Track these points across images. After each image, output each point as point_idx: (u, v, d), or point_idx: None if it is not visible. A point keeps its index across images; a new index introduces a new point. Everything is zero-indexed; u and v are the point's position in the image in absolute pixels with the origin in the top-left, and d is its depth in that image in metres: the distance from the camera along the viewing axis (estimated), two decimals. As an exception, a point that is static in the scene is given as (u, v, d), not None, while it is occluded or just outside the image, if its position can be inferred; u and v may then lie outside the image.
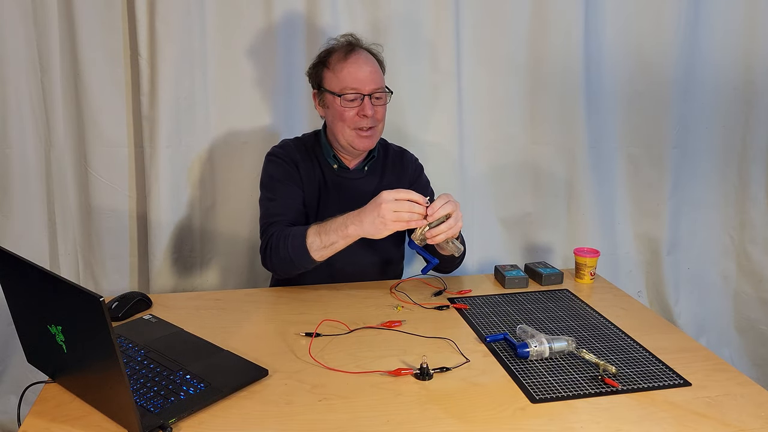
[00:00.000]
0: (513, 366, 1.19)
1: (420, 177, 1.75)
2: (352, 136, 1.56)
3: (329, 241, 1.40)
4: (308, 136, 1.69)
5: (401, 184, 1.67)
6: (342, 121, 1.54)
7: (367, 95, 1.52)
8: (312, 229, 1.43)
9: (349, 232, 1.37)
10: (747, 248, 2.34)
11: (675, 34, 2.11)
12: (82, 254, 2.04)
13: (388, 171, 1.69)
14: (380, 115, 1.57)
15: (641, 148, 2.24)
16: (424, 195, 1.67)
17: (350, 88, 1.52)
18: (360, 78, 1.52)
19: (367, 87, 1.52)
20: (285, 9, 1.93)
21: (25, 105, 1.88)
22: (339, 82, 1.53)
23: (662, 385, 1.13)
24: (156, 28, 1.84)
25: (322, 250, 1.41)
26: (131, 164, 1.99)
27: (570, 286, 1.62)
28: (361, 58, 1.55)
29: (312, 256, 1.42)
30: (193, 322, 1.35)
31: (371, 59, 1.58)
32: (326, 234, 1.40)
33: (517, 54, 2.09)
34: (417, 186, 1.70)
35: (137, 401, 1.01)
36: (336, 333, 1.31)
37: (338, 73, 1.53)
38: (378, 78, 1.56)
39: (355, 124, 1.54)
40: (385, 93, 1.57)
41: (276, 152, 1.63)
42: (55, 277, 0.92)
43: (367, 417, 1.02)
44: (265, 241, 1.52)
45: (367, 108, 1.52)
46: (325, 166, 1.63)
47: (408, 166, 1.72)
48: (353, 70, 1.52)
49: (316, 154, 1.64)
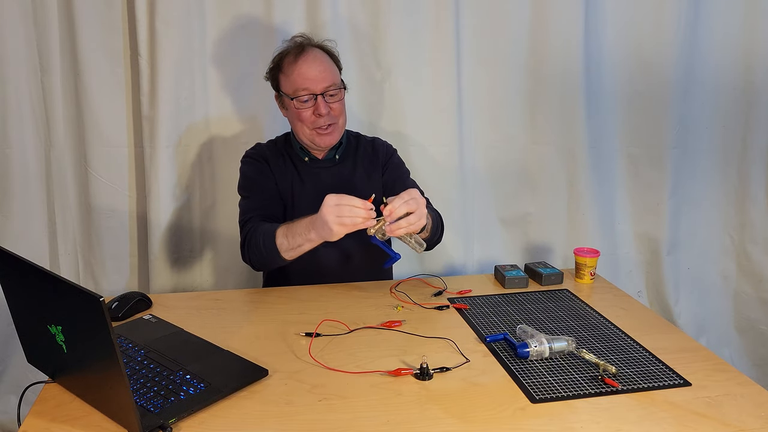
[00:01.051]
0: (513, 366, 1.19)
1: (392, 157, 1.75)
2: (312, 135, 1.59)
3: (296, 243, 1.43)
4: (280, 137, 1.73)
5: (375, 168, 1.70)
6: (300, 122, 1.57)
7: (320, 94, 1.54)
8: (281, 230, 1.46)
9: (311, 236, 1.40)
10: (747, 248, 2.34)
11: (675, 34, 2.11)
12: (82, 254, 2.04)
13: (360, 156, 1.71)
14: (337, 111, 1.59)
15: (641, 148, 2.23)
16: (399, 173, 1.73)
17: (302, 89, 1.53)
18: (310, 77, 1.53)
19: (318, 86, 1.54)
20: (285, 9, 1.93)
21: (25, 105, 1.89)
22: (291, 84, 1.55)
23: (662, 385, 1.13)
24: (156, 28, 1.84)
25: (290, 251, 1.45)
26: (131, 164, 1.99)
27: (570, 286, 1.62)
28: (309, 57, 1.55)
29: (284, 257, 1.46)
30: (193, 322, 1.35)
31: (321, 57, 1.58)
32: (292, 237, 1.43)
33: (517, 54, 2.09)
34: (390, 166, 1.72)
35: (137, 401, 1.01)
36: (336, 333, 1.31)
37: (290, 76, 1.56)
38: (329, 75, 1.56)
39: (313, 124, 1.57)
40: (339, 89, 1.58)
41: (248, 153, 1.69)
42: (55, 277, 0.92)
43: (367, 417, 1.02)
44: (243, 237, 1.56)
45: (321, 107, 1.54)
46: (296, 160, 1.67)
47: (379, 150, 1.73)
48: (303, 71, 1.54)
49: (287, 151, 1.68)
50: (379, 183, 1.71)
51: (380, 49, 2.01)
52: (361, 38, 1.99)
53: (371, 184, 1.69)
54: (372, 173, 1.70)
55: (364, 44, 2.00)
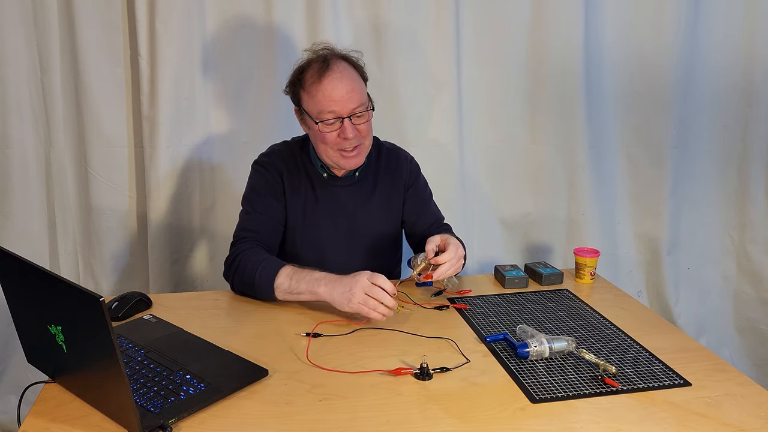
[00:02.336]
0: (513, 366, 1.19)
1: (417, 179, 1.67)
2: (337, 157, 1.48)
3: (297, 290, 1.36)
4: (296, 141, 1.61)
5: (396, 190, 1.62)
6: (324, 144, 1.46)
7: (347, 117, 1.42)
8: (286, 270, 1.38)
9: (319, 291, 1.33)
10: (747, 248, 2.35)
11: (675, 34, 2.11)
12: (82, 254, 2.04)
13: (381, 175, 1.61)
14: (364, 132, 1.47)
15: (641, 148, 2.24)
16: (422, 197, 1.68)
17: (328, 112, 1.41)
18: (336, 99, 1.40)
19: (345, 108, 1.41)
20: (285, 8, 1.93)
21: (25, 105, 1.89)
22: (315, 105, 1.42)
23: (662, 385, 1.13)
24: (156, 28, 1.84)
25: (286, 294, 1.38)
26: (131, 164, 1.99)
27: (570, 286, 1.62)
28: (335, 76, 1.41)
29: (275, 294, 1.39)
30: (193, 322, 1.35)
31: (348, 73, 1.44)
32: (297, 282, 1.36)
33: (517, 54, 2.09)
34: (413, 189, 1.66)
35: (137, 401, 1.01)
36: (336, 333, 1.31)
37: (314, 96, 1.42)
38: (356, 96, 1.43)
39: (339, 146, 1.45)
40: (367, 111, 1.46)
41: (261, 161, 1.58)
42: (55, 277, 0.92)
43: (367, 417, 1.02)
44: (233, 255, 1.48)
45: (347, 131, 1.42)
46: (313, 174, 1.57)
47: (403, 168, 1.64)
48: (329, 93, 1.40)
49: (303, 162, 1.57)
50: (398, 207, 1.64)
51: (381, 50, 2.01)
52: (361, 38, 1.99)
53: (390, 209, 1.63)
54: (392, 196, 1.62)
55: (364, 44, 2.00)
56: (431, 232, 1.59)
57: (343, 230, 1.59)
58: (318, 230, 1.58)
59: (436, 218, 1.70)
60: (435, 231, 1.61)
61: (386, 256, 1.68)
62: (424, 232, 1.64)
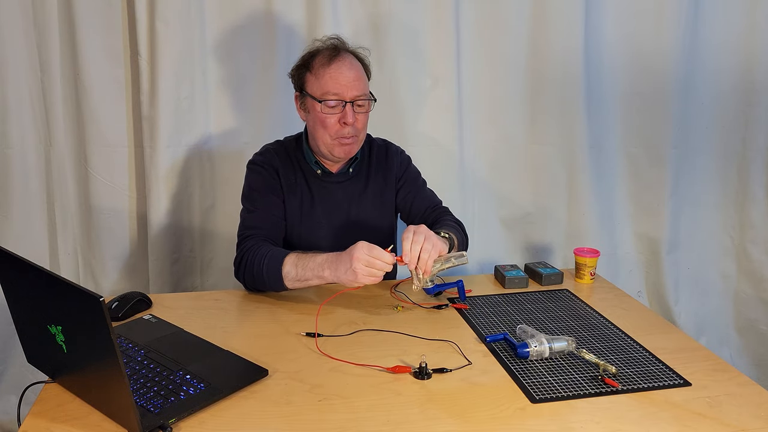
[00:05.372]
0: (513, 366, 1.19)
1: (408, 169, 1.70)
2: (333, 144, 1.51)
3: (304, 277, 1.39)
4: (290, 140, 1.64)
5: (388, 184, 1.65)
6: (323, 128, 1.49)
7: (349, 102, 1.47)
8: (290, 258, 1.40)
9: (325, 275, 1.36)
10: (747, 248, 2.35)
11: (675, 34, 2.11)
12: (82, 254, 2.04)
13: (373, 171, 1.65)
14: (361, 123, 1.52)
15: (641, 148, 2.24)
16: (414, 185, 1.70)
17: (332, 94, 1.46)
18: (342, 83, 1.46)
19: (349, 93, 1.47)
20: (285, 8, 1.93)
21: (25, 105, 1.89)
22: (321, 86, 1.47)
23: (662, 385, 1.13)
24: (156, 28, 1.84)
25: (295, 281, 1.40)
26: (131, 164, 1.99)
27: (570, 286, 1.62)
28: (345, 63, 1.48)
29: (284, 284, 1.41)
30: (193, 322, 1.35)
31: (356, 65, 1.51)
32: (303, 269, 1.39)
33: (517, 54, 2.09)
34: (405, 181, 1.68)
35: (137, 401, 1.01)
36: (336, 333, 1.31)
37: (320, 78, 1.47)
38: (361, 84, 1.49)
39: (337, 133, 1.49)
40: (368, 101, 1.52)
41: (256, 160, 1.60)
42: (55, 277, 0.92)
43: (367, 417, 1.02)
44: (240, 254, 1.50)
45: (348, 115, 1.47)
46: (307, 172, 1.60)
47: (393, 162, 1.67)
48: (336, 75, 1.46)
49: (297, 160, 1.60)
50: (391, 201, 1.67)
51: (380, 49, 2.01)
52: (361, 37, 1.99)
53: (383, 205, 1.65)
54: (385, 191, 1.65)
55: (364, 43, 1.99)
56: (427, 217, 1.65)
57: (338, 226, 1.61)
58: (314, 226, 1.60)
59: (431, 203, 1.71)
60: (431, 216, 1.66)
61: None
62: (420, 217, 1.67)
